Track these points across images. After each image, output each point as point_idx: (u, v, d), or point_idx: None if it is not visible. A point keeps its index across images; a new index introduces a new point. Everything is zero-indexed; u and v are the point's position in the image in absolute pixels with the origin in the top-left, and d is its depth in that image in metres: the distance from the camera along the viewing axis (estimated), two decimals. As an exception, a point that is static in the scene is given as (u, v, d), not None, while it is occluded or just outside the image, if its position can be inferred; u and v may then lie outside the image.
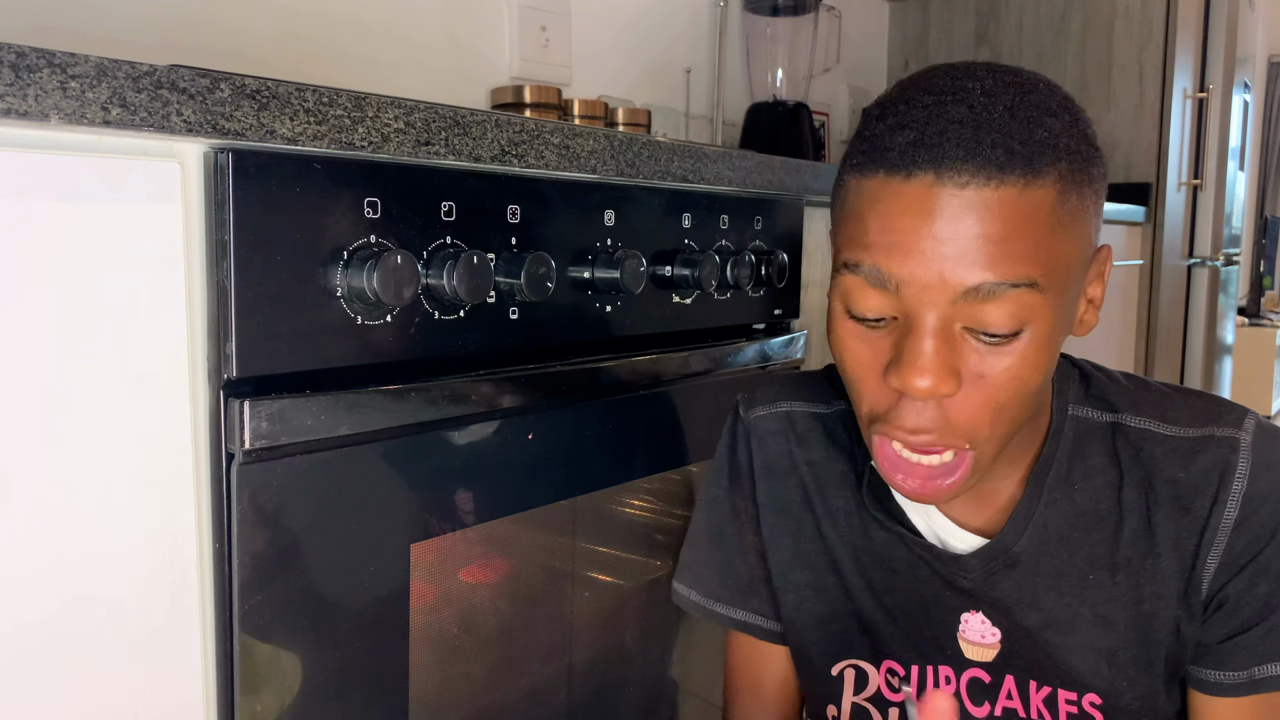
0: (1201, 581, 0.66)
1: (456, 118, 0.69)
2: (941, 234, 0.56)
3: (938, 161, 0.56)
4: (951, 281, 0.56)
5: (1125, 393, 0.70)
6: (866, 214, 0.59)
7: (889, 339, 0.60)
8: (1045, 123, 0.58)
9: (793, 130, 1.86)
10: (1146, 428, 0.68)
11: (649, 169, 0.85)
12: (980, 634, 0.71)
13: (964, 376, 0.58)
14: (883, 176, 0.58)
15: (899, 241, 0.57)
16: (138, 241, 0.55)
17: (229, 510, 0.61)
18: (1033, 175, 0.56)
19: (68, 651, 0.55)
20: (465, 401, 0.72)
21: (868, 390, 0.62)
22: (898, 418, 0.60)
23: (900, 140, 0.58)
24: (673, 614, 0.98)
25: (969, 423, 0.60)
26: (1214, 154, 2.49)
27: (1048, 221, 0.57)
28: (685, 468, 0.97)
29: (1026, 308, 0.57)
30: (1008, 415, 0.60)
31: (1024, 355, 0.58)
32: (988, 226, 0.56)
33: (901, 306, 0.59)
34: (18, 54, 0.48)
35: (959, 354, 0.58)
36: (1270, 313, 4.72)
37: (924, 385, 0.57)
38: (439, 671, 0.75)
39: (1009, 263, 0.56)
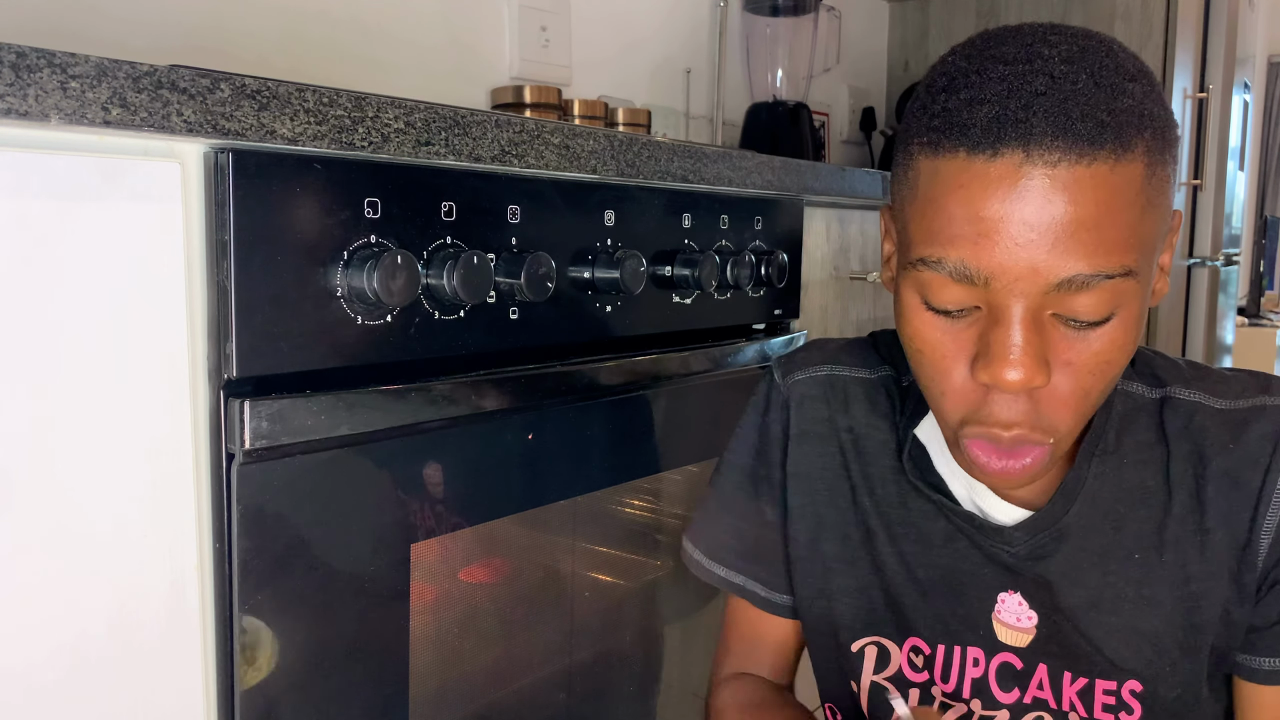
0: (1256, 558, 0.63)
1: (456, 118, 0.69)
2: (1033, 220, 0.53)
3: (1025, 138, 0.53)
4: (1044, 273, 0.54)
5: (1174, 368, 0.68)
6: (948, 201, 0.56)
7: (973, 330, 0.58)
8: (1128, 89, 0.55)
9: (793, 130, 1.86)
10: (1196, 400, 0.66)
11: (649, 169, 0.85)
12: (1016, 616, 0.69)
13: (1053, 365, 0.56)
14: (964, 156, 0.55)
15: (987, 232, 0.54)
16: (138, 241, 0.55)
17: (229, 510, 0.61)
18: (1123, 149, 0.54)
19: (67, 651, 0.55)
20: (465, 401, 0.72)
21: (951, 386, 0.59)
22: (989, 415, 0.58)
23: (981, 116, 0.54)
24: (673, 614, 0.98)
25: (1058, 413, 0.58)
26: (1214, 154, 2.49)
27: (1138, 201, 0.55)
28: (685, 467, 0.97)
29: (1120, 295, 0.55)
30: (1092, 400, 0.59)
31: (1113, 339, 0.56)
32: (1082, 210, 0.53)
33: (988, 298, 0.56)
34: (18, 54, 0.48)
35: (1048, 342, 0.56)
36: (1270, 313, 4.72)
37: (1017, 378, 0.55)
38: (439, 671, 0.75)
39: (1103, 252, 0.54)
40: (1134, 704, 0.66)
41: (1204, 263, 2.52)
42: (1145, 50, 2.25)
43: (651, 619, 0.96)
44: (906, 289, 0.60)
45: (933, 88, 0.59)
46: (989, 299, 0.56)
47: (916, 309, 0.60)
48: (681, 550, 0.82)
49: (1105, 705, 0.67)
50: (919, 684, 0.73)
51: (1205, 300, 2.51)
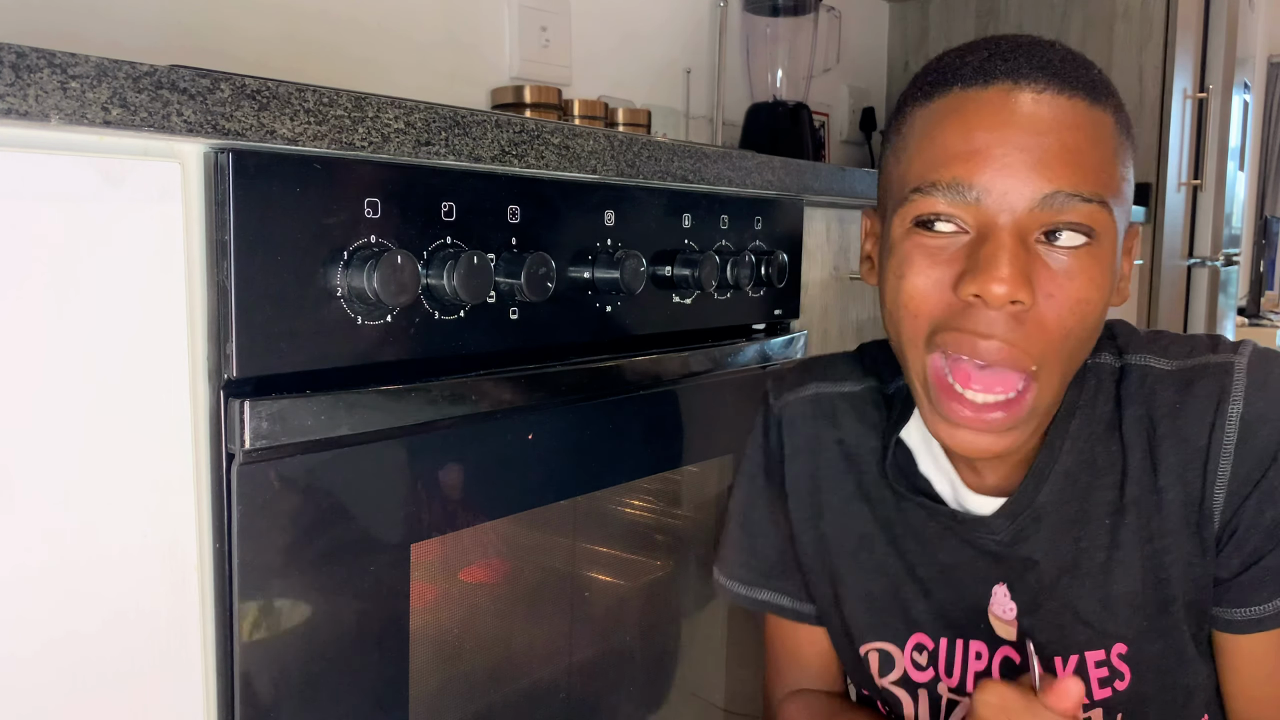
0: (1212, 513, 0.64)
1: (456, 118, 0.69)
2: (1022, 142, 0.58)
3: (1014, 71, 0.59)
4: (1032, 187, 0.58)
5: (1132, 335, 0.71)
6: (943, 128, 0.61)
7: (959, 253, 0.60)
8: (1096, 69, 0.62)
9: (793, 130, 1.86)
10: (1146, 364, 0.68)
11: (649, 169, 0.85)
12: (1004, 608, 0.70)
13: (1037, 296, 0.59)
14: (958, 90, 0.61)
15: (979, 149, 0.58)
16: (138, 241, 0.55)
17: (229, 510, 0.61)
18: (1095, 97, 0.60)
19: (67, 652, 0.55)
20: (465, 401, 0.72)
21: (929, 304, 0.61)
22: (968, 322, 0.59)
23: (972, 59, 0.61)
24: (673, 614, 0.98)
25: (1040, 342, 0.59)
26: (1214, 154, 2.49)
27: (1109, 143, 0.60)
28: (685, 468, 0.97)
29: (1098, 224, 0.59)
30: (1072, 343, 0.60)
31: (1091, 276, 0.59)
32: (1064, 135, 0.58)
33: (978, 217, 0.59)
34: (18, 54, 0.48)
35: (1033, 266, 0.58)
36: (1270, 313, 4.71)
37: (1002, 290, 0.57)
38: (439, 671, 0.75)
39: (1081, 176, 0.58)
40: (1123, 668, 0.68)
41: (1204, 263, 2.52)
42: (1145, 50, 2.25)
43: (652, 619, 0.96)
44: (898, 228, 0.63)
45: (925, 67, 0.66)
46: (978, 217, 0.59)
47: (905, 237, 0.62)
48: (713, 582, 0.85)
49: (1100, 679, 0.68)
50: (924, 683, 0.74)
51: (1205, 300, 2.51)
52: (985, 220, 0.59)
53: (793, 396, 0.80)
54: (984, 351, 0.59)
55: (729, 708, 1.06)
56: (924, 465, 0.73)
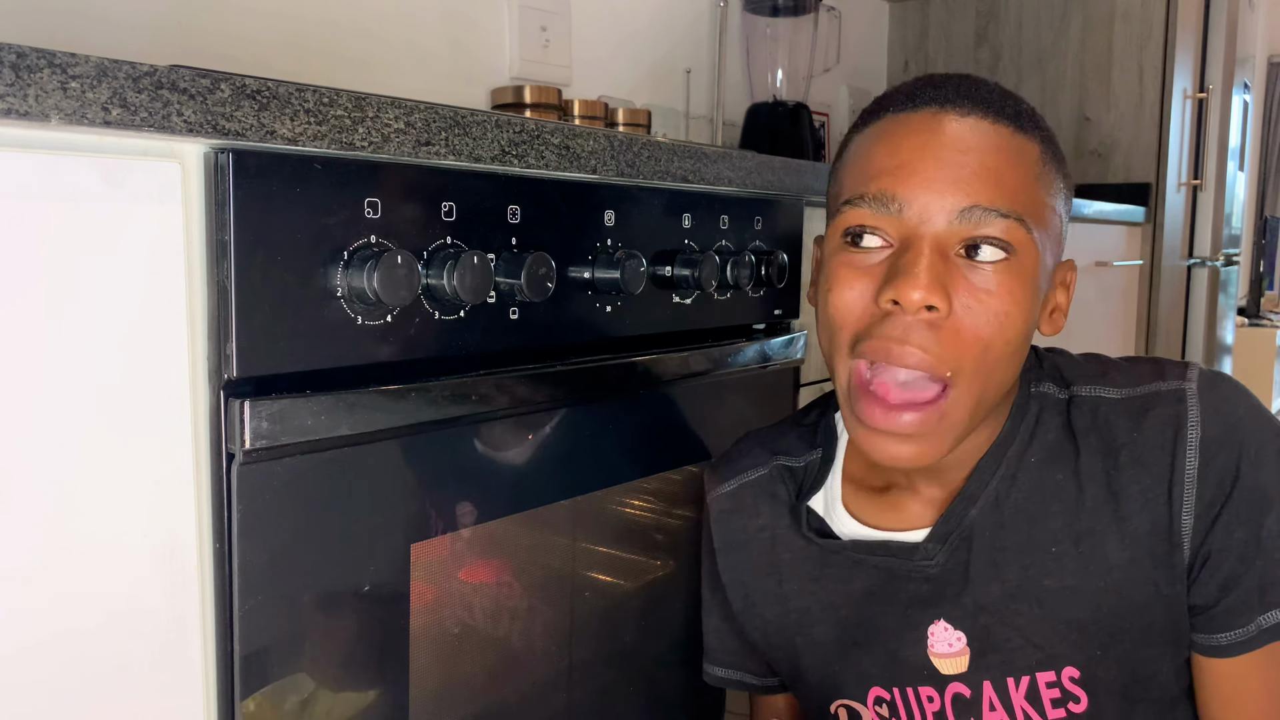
0: (1181, 541, 0.65)
1: (456, 118, 0.69)
2: (944, 157, 0.61)
3: (940, 99, 0.64)
4: (950, 200, 0.61)
5: (1077, 366, 0.72)
6: (872, 148, 0.65)
7: (882, 266, 0.63)
8: (1026, 105, 0.66)
9: (793, 130, 1.86)
10: (1096, 394, 0.69)
11: (649, 169, 0.85)
12: (948, 643, 0.71)
13: (955, 304, 0.61)
14: (889, 115, 0.65)
15: (904, 163, 0.62)
16: (138, 241, 0.55)
17: (229, 510, 0.61)
18: (1020, 128, 0.64)
19: (67, 652, 0.55)
20: (465, 401, 0.72)
21: (853, 316, 0.64)
22: (886, 329, 0.61)
23: (904, 89, 0.66)
24: (673, 614, 0.98)
25: (955, 350, 0.61)
26: (1214, 154, 2.49)
27: (1033, 170, 0.63)
28: (685, 467, 0.97)
29: (1015, 240, 0.61)
30: (991, 355, 0.62)
31: (1010, 291, 0.61)
32: (985, 157, 0.61)
33: (900, 229, 0.62)
34: (18, 54, 0.48)
35: (952, 277, 0.61)
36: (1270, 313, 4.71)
37: (917, 296, 0.59)
38: (439, 671, 0.75)
39: (1000, 194, 0.61)
40: (1078, 691, 0.68)
41: (1204, 263, 2.52)
42: (1145, 50, 2.25)
43: (651, 619, 0.96)
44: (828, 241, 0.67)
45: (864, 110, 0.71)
46: (900, 229, 0.62)
47: (835, 252, 0.66)
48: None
49: (1053, 700, 0.68)
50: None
51: (1205, 300, 2.51)
52: (907, 232, 0.62)
53: (715, 493, 0.83)
54: (898, 356, 0.61)
55: (729, 708, 1.06)
56: (836, 520, 0.75)
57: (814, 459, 0.78)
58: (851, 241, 0.64)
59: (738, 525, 0.81)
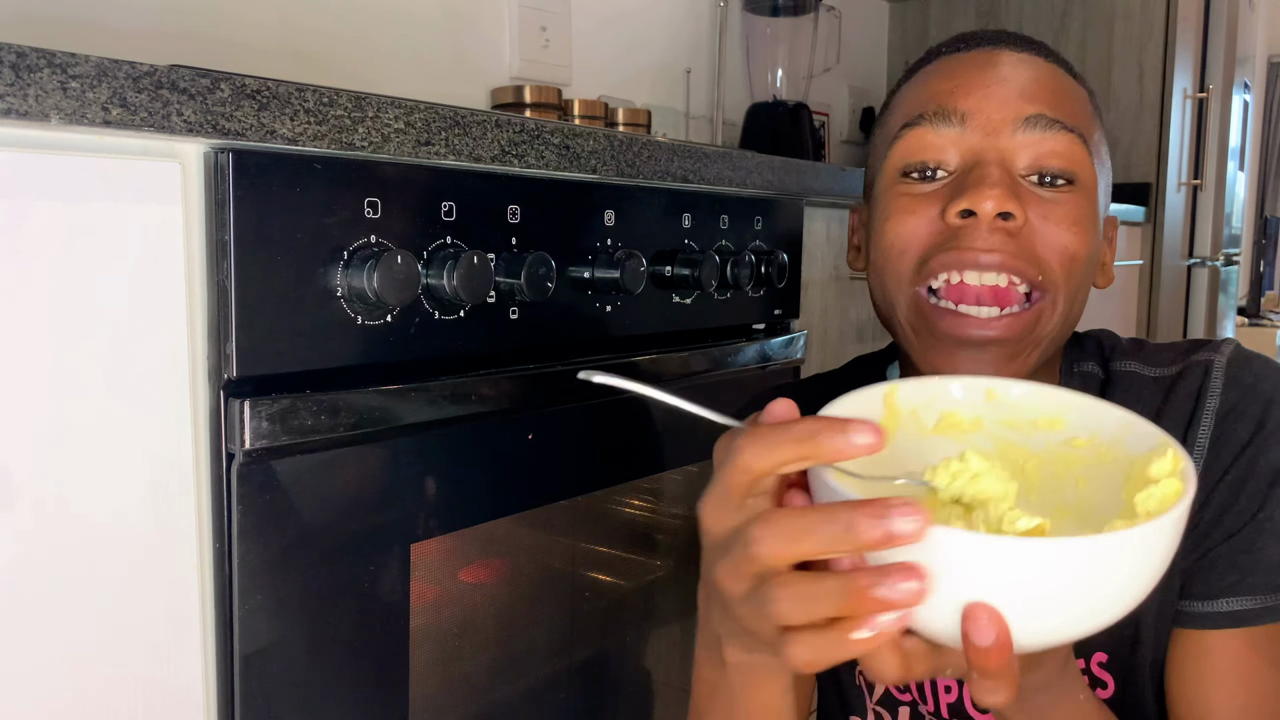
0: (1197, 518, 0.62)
1: (456, 118, 0.69)
2: (1004, 75, 0.61)
3: (995, 40, 0.63)
4: (1014, 107, 0.60)
5: (1117, 344, 0.71)
6: (928, 78, 0.64)
7: (946, 189, 0.61)
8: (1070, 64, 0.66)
9: (793, 130, 1.86)
10: (1132, 370, 0.68)
11: (649, 169, 0.85)
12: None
13: (1030, 216, 0.59)
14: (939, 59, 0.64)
15: (963, 82, 0.61)
16: (138, 241, 0.55)
17: (229, 510, 0.61)
18: (1072, 74, 0.64)
19: (67, 652, 0.55)
20: (465, 401, 0.72)
21: (918, 239, 0.61)
22: (962, 239, 0.58)
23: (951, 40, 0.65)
24: (673, 614, 0.98)
25: (1040, 255, 0.59)
26: (1214, 154, 2.49)
27: (1087, 108, 0.63)
28: (685, 467, 0.97)
29: (1079, 159, 0.60)
30: (1076, 269, 0.60)
31: (1080, 206, 0.60)
32: (1045, 78, 0.61)
33: (963, 146, 0.61)
34: (18, 54, 0.48)
35: (1021, 193, 0.59)
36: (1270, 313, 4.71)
37: (991, 204, 0.57)
38: (439, 671, 0.75)
39: (1063, 107, 0.60)
40: (1105, 676, 0.66)
41: (1204, 263, 2.52)
42: (1145, 50, 2.25)
43: (651, 619, 0.96)
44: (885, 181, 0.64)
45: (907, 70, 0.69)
46: (963, 147, 0.61)
47: (891, 183, 0.63)
48: None
49: None
50: (906, 703, 0.74)
51: (1205, 300, 2.51)
52: (972, 146, 0.60)
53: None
54: (985, 263, 0.58)
55: (729, 708, 1.06)
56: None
57: None
58: (912, 175, 0.62)
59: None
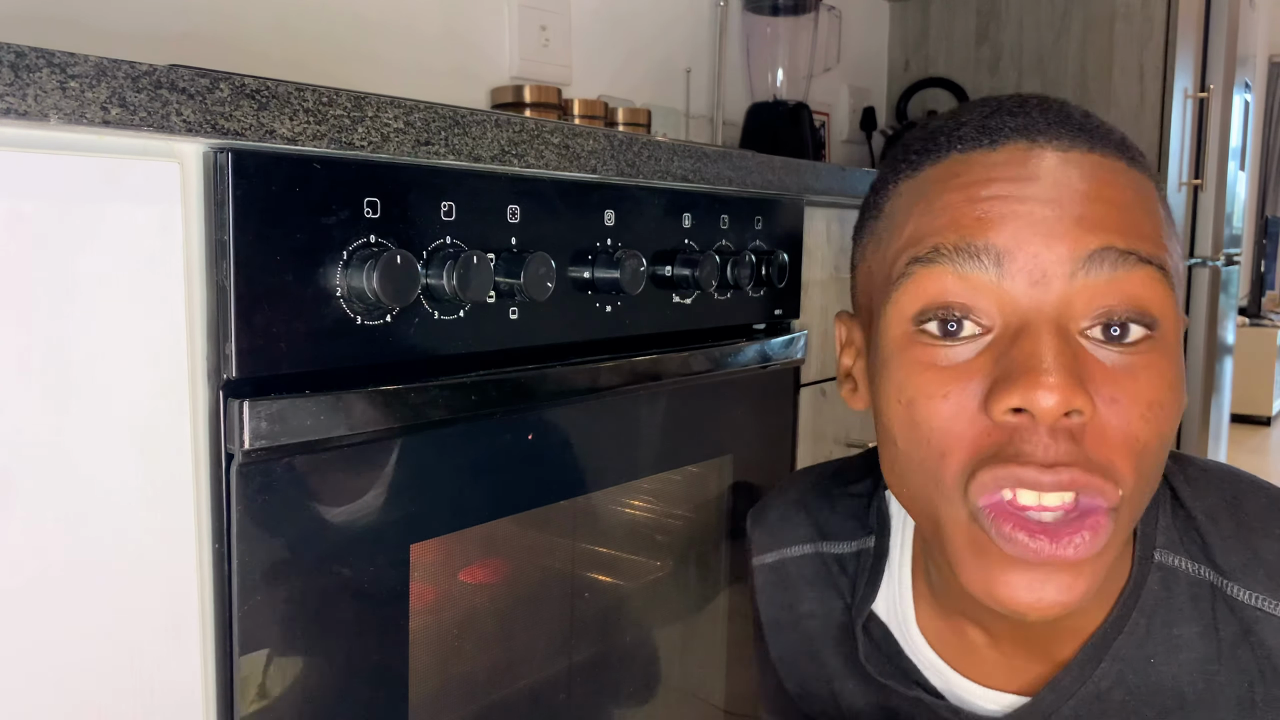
0: None
1: (456, 117, 0.69)
2: (1049, 195, 0.44)
3: (1028, 130, 0.46)
4: (1068, 245, 0.43)
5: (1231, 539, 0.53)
6: (942, 191, 0.46)
7: (980, 359, 0.45)
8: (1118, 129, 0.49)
9: (793, 130, 1.86)
10: (1259, 606, 0.52)
11: (649, 169, 0.85)
12: None
13: (1096, 400, 0.44)
14: (956, 155, 0.47)
15: (993, 205, 0.44)
16: (137, 241, 0.55)
17: (228, 511, 0.61)
18: (1133, 160, 0.47)
19: (65, 653, 0.55)
20: (465, 401, 0.72)
21: (957, 437, 0.45)
22: (1025, 451, 0.43)
23: (970, 122, 0.47)
24: (673, 614, 0.98)
25: (1109, 459, 0.44)
26: (1214, 154, 2.49)
27: (1158, 211, 0.46)
28: (685, 468, 0.97)
29: (1159, 301, 0.44)
30: (1149, 461, 0.45)
31: (1159, 372, 0.45)
32: (1104, 189, 0.44)
33: (1001, 300, 0.44)
34: (17, 54, 0.48)
35: (1085, 367, 0.44)
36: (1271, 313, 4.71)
37: (1052, 399, 0.41)
38: (439, 671, 0.75)
39: (1136, 225, 0.44)
40: None
41: (1205, 263, 2.52)
42: (1146, 50, 2.25)
43: (652, 619, 0.96)
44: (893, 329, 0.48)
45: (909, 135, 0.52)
46: (1001, 300, 0.44)
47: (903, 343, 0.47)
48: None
49: None
50: None
51: (1206, 300, 2.51)
52: (1012, 302, 0.44)
53: (758, 562, 0.71)
54: (1052, 482, 0.43)
55: (729, 708, 1.06)
56: (907, 647, 0.60)
57: (866, 548, 0.64)
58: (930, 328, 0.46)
59: (782, 603, 0.69)
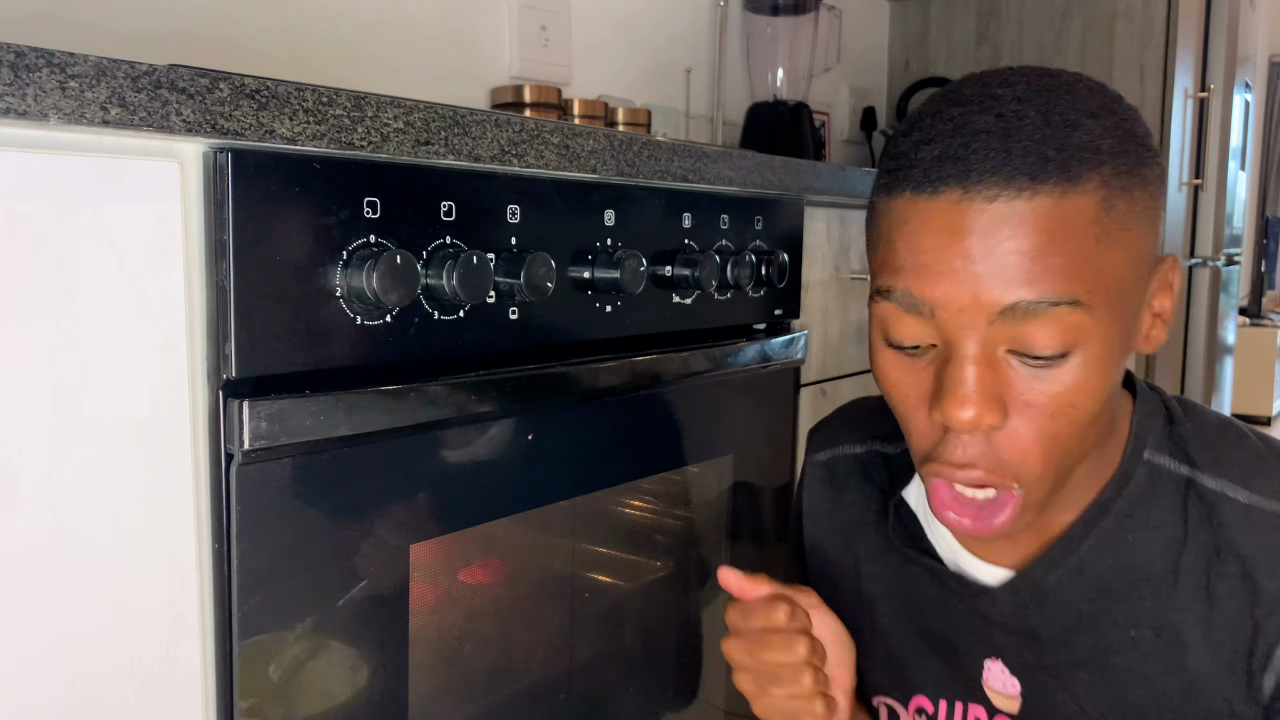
0: (1267, 663, 0.60)
1: (456, 117, 0.69)
2: (972, 252, 0.54)
3: (964, 176, 0.54)
4: (986, 301, 0.54)
5: (1211, 446, 0.64)
6: (895, 236, 0.58)
7: (930, 368, 0.58)
8: (1085, 125, 0.55)
9: (793, 130, 1.86)
10: (1223, 491, 0.62)
11: (649, 169, 0.85)
12: (1002, 684, 0.68)
13: (1011, 406, 0.55)
14: (909, 196, 0.57)
15: (929, 263, 0.55)
16: (137, 241, 0.55)
17: (228, 511, 0.61)
18: (1070, 183, 0.54)
19: (66, 652, 0.55)
20: (465, 401, 0.72)
21: (916, 424, 0.60)
22: (946, 453, 0.58)
23: (925, 156, 0.56)
24: (673, 614, 0.98)
25: (1019, 459, 0.57)
26: (1215, 154, 2.49)
27: (1090, 232, 0.54)
28: (685, 468, 0.96)
29: (1071, 328, 0.54)
30: (1061, 446, 0.57)
31: (1075, 380, 0.55)
32: (1021, 241, 0.53)
33: (939, 332, 0.56)
34: (17, 54, 0.48)
35: (1003, 381, 0.55)
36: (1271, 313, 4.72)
37: (967, 417, 0.54)
38: (439, 671, 0.75)
39: (1047, 279, 0.53)
40: None
41: (1205, 263, 2.52)
42: (1146, 50, 2.25)
43: (651, 620, 0.96)
44: (872, 326, 0.61)
45: (898, 132, 0.61)
46: (941, 334, 0.56)
47: (879, 347, 0.61)
48: None
49: None
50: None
51: (1206, 300, 2.51)
52: (946, 336, 0.56)
53: (811, 459, 0.82)
54: (963, 479, 0.58)
55: (729, 708, 1.06)
56: (927, 526, 0.72)
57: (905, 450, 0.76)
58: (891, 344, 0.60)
59: (826, 496, 0.80)
